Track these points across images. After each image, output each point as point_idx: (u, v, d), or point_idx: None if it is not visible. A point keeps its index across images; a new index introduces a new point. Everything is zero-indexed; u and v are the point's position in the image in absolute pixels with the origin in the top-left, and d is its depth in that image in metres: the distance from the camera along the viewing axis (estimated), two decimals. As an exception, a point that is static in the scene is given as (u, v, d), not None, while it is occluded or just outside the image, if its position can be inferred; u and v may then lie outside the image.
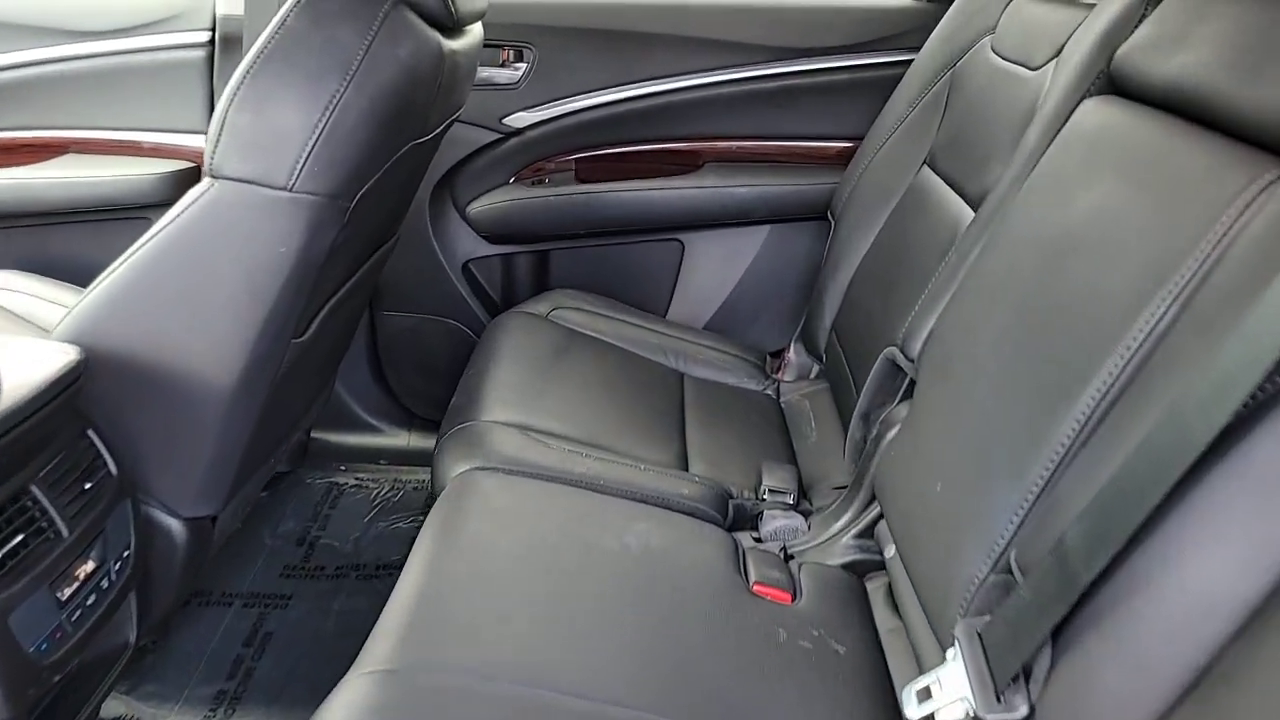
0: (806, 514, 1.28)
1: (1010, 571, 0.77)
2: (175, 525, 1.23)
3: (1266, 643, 0.56)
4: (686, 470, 1.34)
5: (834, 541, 1.19)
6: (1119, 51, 0.97)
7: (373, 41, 1.07)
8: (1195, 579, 0.61)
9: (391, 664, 0.84)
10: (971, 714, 0.71)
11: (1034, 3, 1.33)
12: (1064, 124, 1.00)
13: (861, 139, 1.68)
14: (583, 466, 1.22)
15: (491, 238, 1.89)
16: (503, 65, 1.82)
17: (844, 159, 1.76)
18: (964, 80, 1.44)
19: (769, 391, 1.68)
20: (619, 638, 0.93)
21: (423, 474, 1.93)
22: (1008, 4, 1.40)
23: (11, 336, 1.13)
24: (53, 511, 1.00)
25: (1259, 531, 0.57)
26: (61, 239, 1.86)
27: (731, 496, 1.28)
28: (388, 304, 1.93)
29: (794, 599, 1.06)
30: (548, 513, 1.11)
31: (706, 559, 1.08)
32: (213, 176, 1.08)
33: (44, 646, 0.96)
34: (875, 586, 1.13)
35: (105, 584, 1.07)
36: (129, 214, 1.78)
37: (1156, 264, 0.73)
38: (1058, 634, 0.68)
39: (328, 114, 1.05)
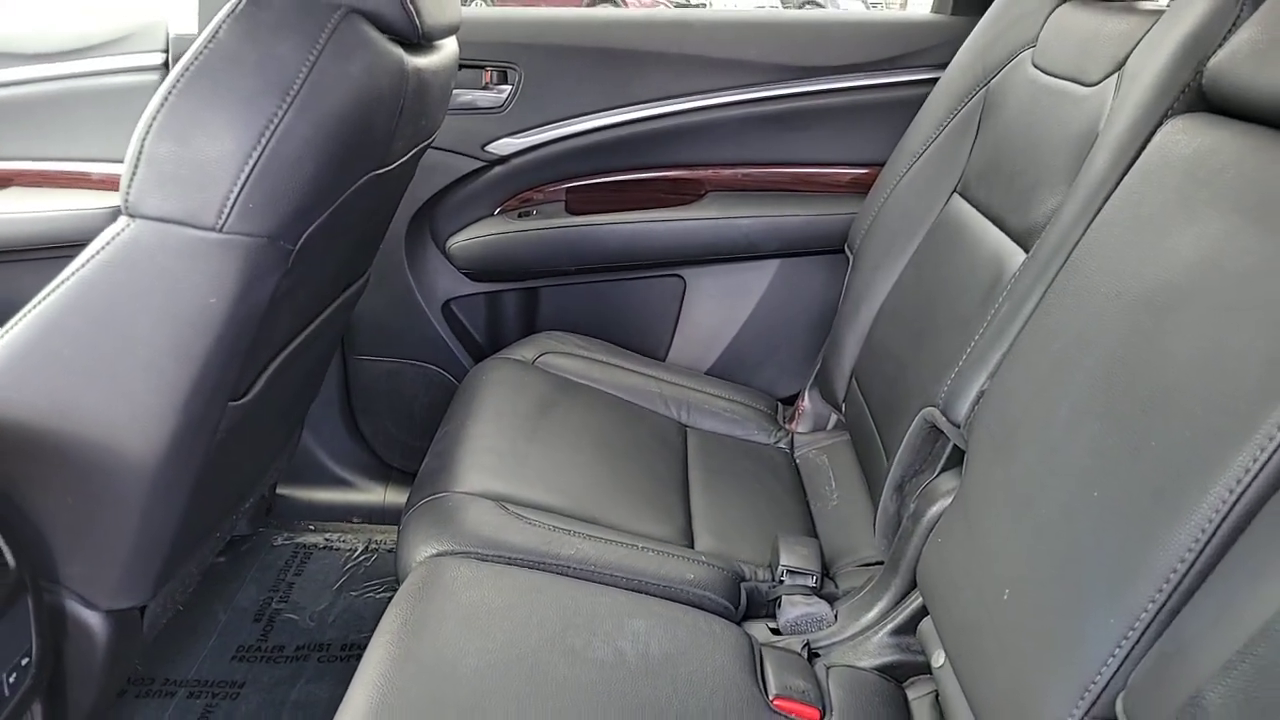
0: (831, 598, 1.10)
1: (1114, 722, 0.60)
2: (94, 619, 1.05)
3: None
4: (691, 546, 1.16)
5: (866, 638, 1.01)
6: (1212, 61, 0.80)
7: (319, 57, 0.91)
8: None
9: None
10: None
11: (1084, 11, 1.17)
12: (1142, 148, 0.84)
13: (881, 165, 1.52)
14: (570, 548, 1.05)
15: (474, 275, 1.73)
16: (485, 87, 1.66)
17: (861, 187, 1.60)
18: (1001, 99, 1.28)
19: (782, 444, 1.51)
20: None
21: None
22: (1050, 13, 1.24)
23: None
24: (-77, 622, 0.82)
25: None
26: (3, 279, 1.70)
27: (744, 579, 1.10)
28: (361, 347, 1.76)
29: (823, 715, 0.88)
30: (528, 610, 0.93)
31: (718, 667, 0.90)
32: (129, 215, 0.91)
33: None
34: (918, 696, 0.95)
35: (10, 688, 0.89)
36: (77, 252, 1.62)
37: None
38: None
39: (264, 142, 0.89)
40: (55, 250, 1.63)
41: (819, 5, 8.32)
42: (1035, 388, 0.81)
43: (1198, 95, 0.83)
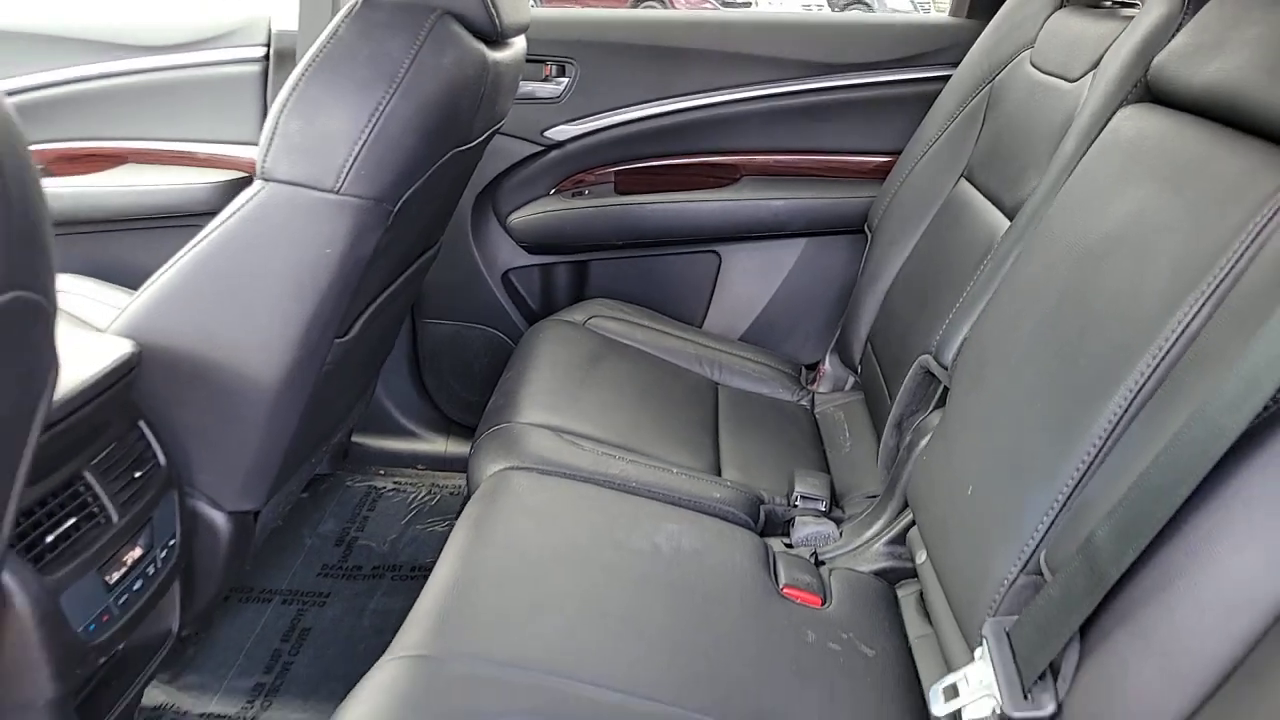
0: (839, 521, 1.28)
1: (1040, 572, 0.77)
2: (219, 519, 1.26)
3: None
4: (719, 476, 1.35)
5: (866, 548, 1.19)
6: (1156, 59, 0.97)
7: (419, 51, 1.11)
8: (1225, 575, 0.60)
9: (424, 650, 0.86)
10: (998, 711, 0.71)
11: (1075, 17, 1.33)
12: (1100, 132, 1.00)
13: (899, 153, 1.69)
14: (615, 468, 1.24)
15: (531, 248, 1.93)
16: (545, 79, 1.85)
17: (881, 173, 1.77)
18: (1003, 94, 1.45)
19: (803, 402, 1.68)
20: (648, 634, 0.94)
21: (459, 479, 1.96)
22: (1047, 18, 1.40)
23: (70, 330, 1.18)
24: (104, 498, 1.03)
25: (1289, 526, 0.57)
26: (119, 245, 1.92)
27: (763, 502, 1.28)
28: (429, 311, 1.97)
29: (824, 603, 1.07)
30: (580, 512, 1.12)
31: (736, 561, 1.09)
32: (264, 179, 1.12)
33: (92, 628, 0.99)
34: (907, 594, 1.12)
35: (151, 570, 1.10)
36: (183, 221, 1.83)
37: (1189, 265, 0.73)
38: (1086, 632, 0.68)
39: (374, 120, 1.09)
40: (163, 220, 1.86)
41: (866, 7, 8.40)
42: (1004, 328, 0.98)
43: (1145, 89, 0.99)
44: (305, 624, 1.53)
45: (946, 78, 1.64)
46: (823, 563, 1.19)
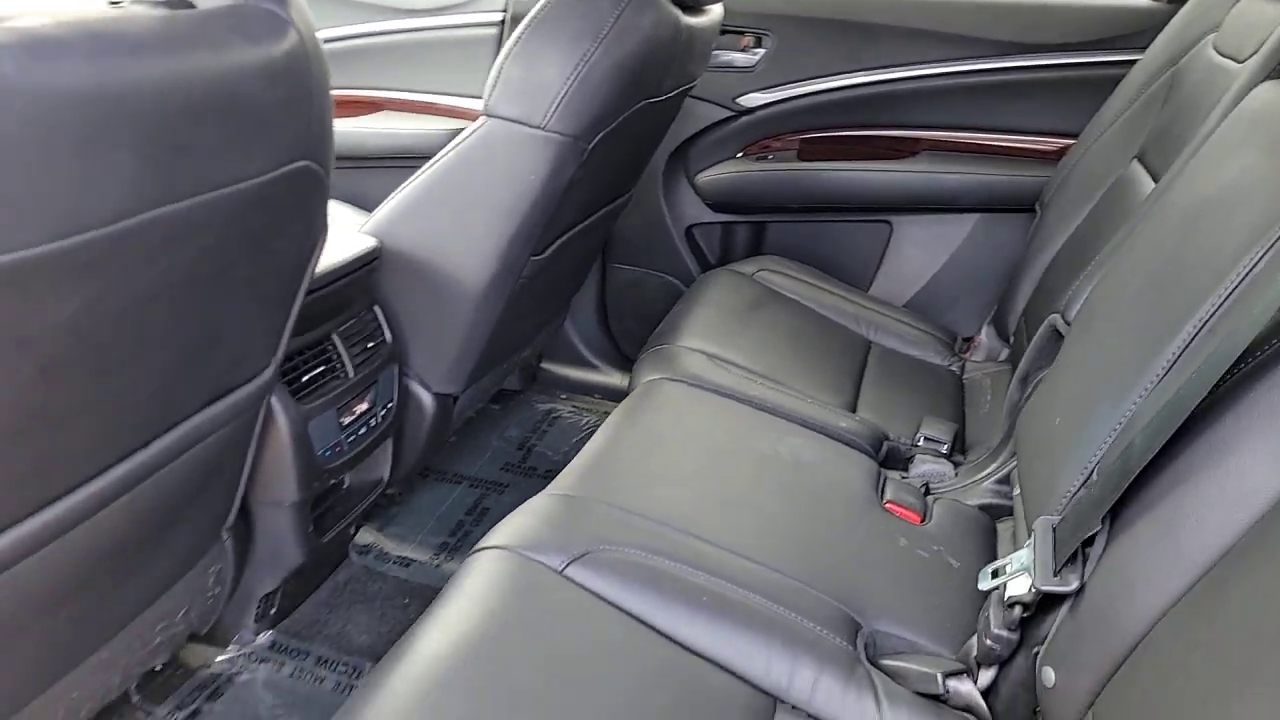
0: (957, 465, 1.38)
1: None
2: (426, 397, 1.53)
3: (1276, 527, 0.65)
4: (853, 414, 1.47)
5: (975, 485, 1.29)
6: (1300, 38, 1.01)
7: (623, 12, 1.31)
8: (1233, 474, 0.69)
9: (571, 491, 1.06)
10: (1033, 587, 0.83)
11: (1260, 1, 1.34)
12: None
13: (1077, 135, 1.72)
14: (755, 390, 1.40)
15: (715, 206, 2.10)
16: (743, 50, 2.02)
17: (1059, 155, 1.80)
18: (1183, 78, 1.47)
19: (953, 368, 1.77)
20: (756, 513, 1.10)
21: (629, 408, 2.18)
22: (1236, 2, 1.41)
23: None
24: (345, 357, 1.32)
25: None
26: (369, 180, 2.26)
27: (888, 438, 1.40)
28: (617, 257, 2.19)
29: (923, 521, 1.18)
30: (715, 417, 1.29)
31: (848, 476, 1.22)
32: (487, 115, 1.36)
33: (327, 454, 1.28)
34: (1005, 528, 1.22)
35: (373, 422, 1.38)
36: (423, 163, 2.14)
37: (1263, 222, 0.80)
38: (1115, 524, 0.78)
39: (579, 69, 1.30)
40: (409, 160, 2.17)
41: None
42: (1117, 285, 1.06)
43: (1286, 65, 1.03)
44: (485, 505, 1.79)
45: (1132, 62, 1.65)
46: (931, 494, 1.30)
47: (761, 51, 2.00)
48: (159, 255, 0.69)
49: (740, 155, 2.08)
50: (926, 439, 1.40)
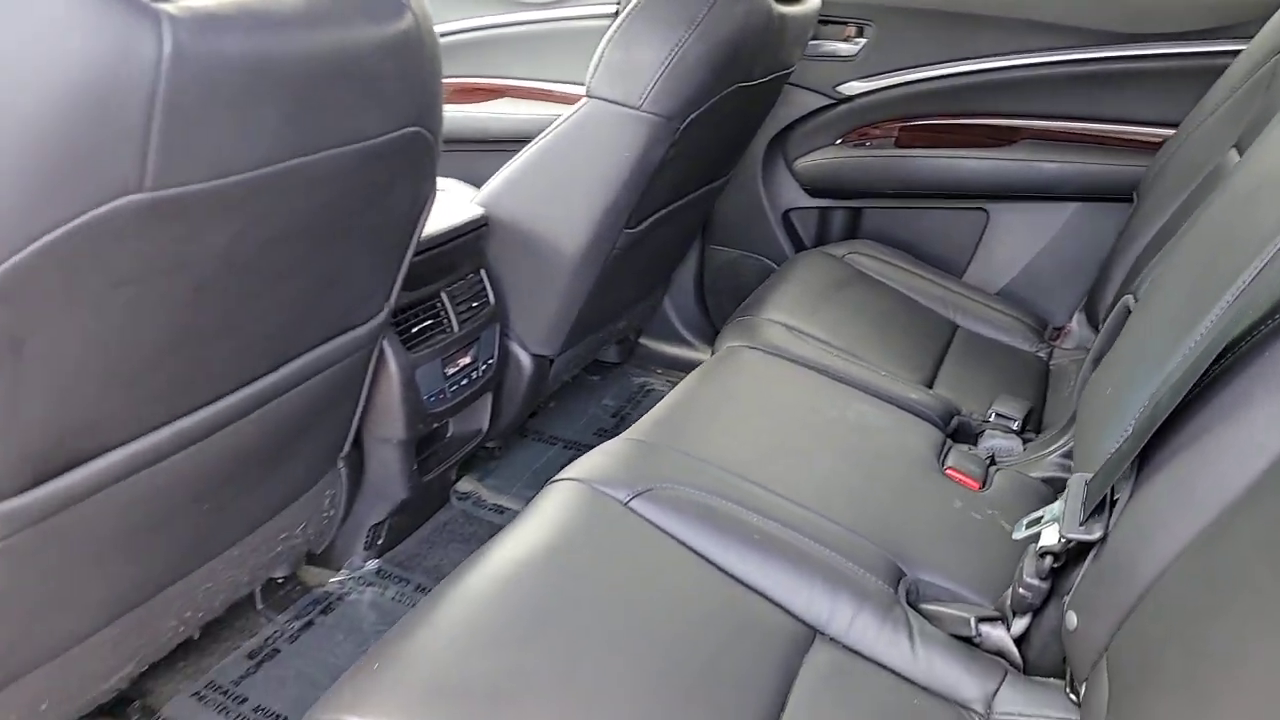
0: (1026, 442, 1.41)
1: (1133, 446, 0.91)
2: (525, 357, 1.66)
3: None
4: (929, 389, 1.52)
5: (1040, 459, 1.32)
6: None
7: (717, 1, 1.40)
8: (1244, 429, 0.73)
9: (643, 438, 1.16)
10: (1061, 536, 0.88)
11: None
12: (1318, 90, 1.06)
13: (1178, 125, 1.71)
14: (829, 360, 1.46)
15: (812, 191, 2.16)
16: (845, 39, 2.07)
17: (1159, 145, 1.79)
18: (1287, 64, 1.45)
19: (1040, 354, 1.78)
20: (815, 468, 1.17)
21: (720, 385, 2.26)
22: (1345, -12, 1.39)
23: (444, 197, 1.62)
24: (451, 314, 1.45)
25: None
26: (485, 162, 2.41)
27: (959, 414, 1.44)
28: (715, 239, 2.27)
29: (981, 487, 1.23)
30: (787, 383, 1.37)
31: (913, 443, 1.28)
32: (589, 96, 1.47)
33: (432, 399, 1.42)
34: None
35: (475, 375, 1.52)
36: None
37: (1310, 193, 0.83)
38: (1138, 478, 0.83)
39: (674, 54, 1.39)
40: (524, 143, 2.32)
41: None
42: (1180, 260, 1.08)
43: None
44: (577, 465, 1.91)
45: (1237, 52, 1.63)
46: (996, 465, 1.34)
47: (863, 41, 2.04)
48: (294, 199, 0.83)
49: (839, 142, 2.13)
50: (998, 415, 1.44)
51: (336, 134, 0.83)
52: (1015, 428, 1.42)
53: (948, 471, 1.24)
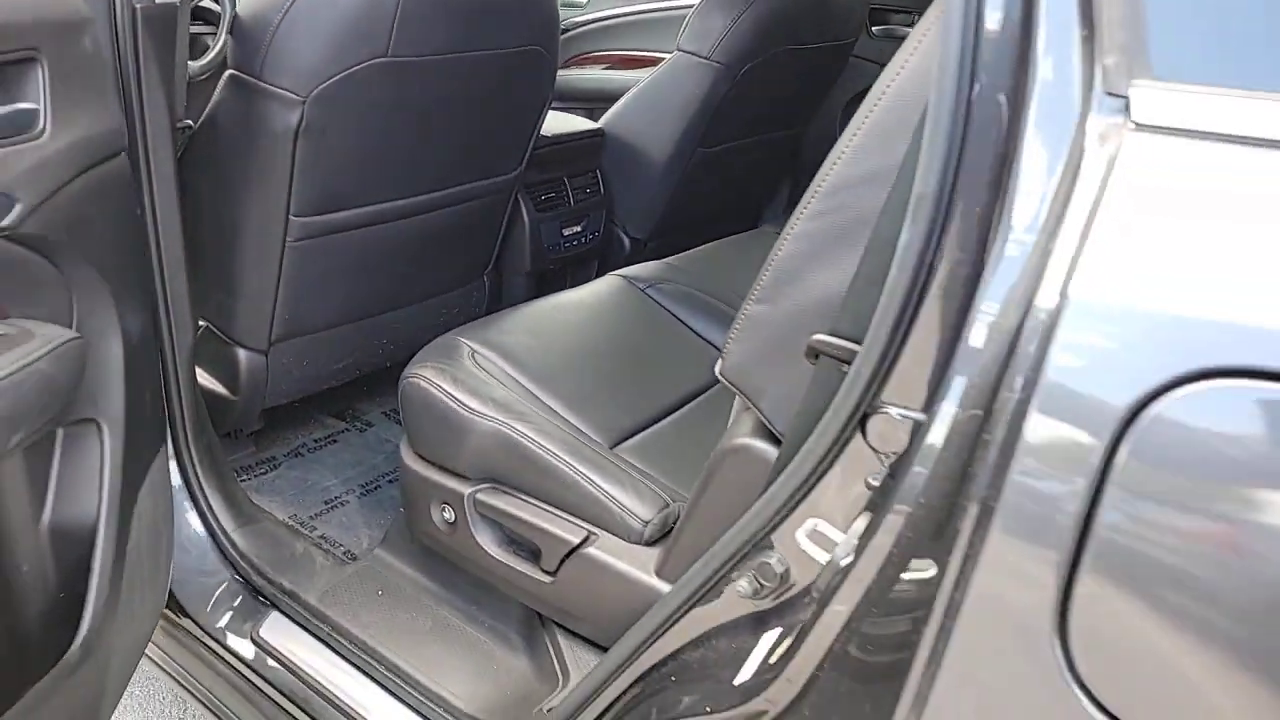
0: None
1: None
2: (625, 240, 2.32)
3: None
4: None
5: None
6: None
7: (778, -27, 2.00)
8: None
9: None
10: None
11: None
12: None
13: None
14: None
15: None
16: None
17: None
18: None
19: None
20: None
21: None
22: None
23: (581, 120, 2.31)
24: (569, 193, 2.14)
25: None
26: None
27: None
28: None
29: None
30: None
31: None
32: (678, 50, 2.11)
33: (550, 247, 2.11)
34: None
35: (583, 240, 2.20)
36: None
37: None
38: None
39: (736, 20, 2.01)
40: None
41: None
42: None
43: None
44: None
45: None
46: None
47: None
48: (462, 76, 1.53)
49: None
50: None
51: (485, 41, 1.53)
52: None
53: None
